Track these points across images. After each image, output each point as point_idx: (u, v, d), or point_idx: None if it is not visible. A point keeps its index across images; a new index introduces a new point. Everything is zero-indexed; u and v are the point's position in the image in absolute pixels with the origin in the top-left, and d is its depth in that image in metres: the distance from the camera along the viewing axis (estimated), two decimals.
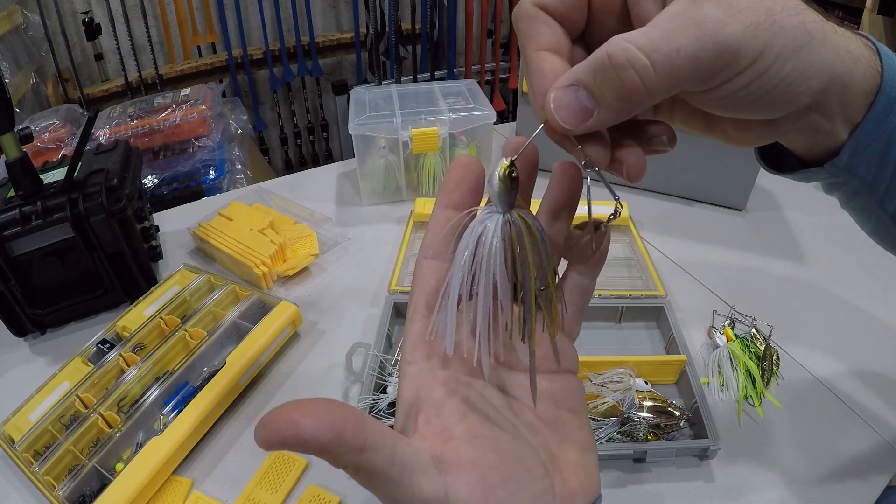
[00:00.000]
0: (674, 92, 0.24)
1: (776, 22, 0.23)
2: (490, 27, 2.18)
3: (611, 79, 0.23)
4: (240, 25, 1.96)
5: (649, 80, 0.22)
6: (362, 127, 0.82)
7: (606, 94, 0.23)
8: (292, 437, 0.22)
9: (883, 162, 0.30)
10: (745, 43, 0.23)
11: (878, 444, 0.54)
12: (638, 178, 0.27)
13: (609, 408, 0.53)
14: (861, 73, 0.27)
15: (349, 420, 0.23)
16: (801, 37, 0.24)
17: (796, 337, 0.65)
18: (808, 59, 0.24)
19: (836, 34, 0.26)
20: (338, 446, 0.23)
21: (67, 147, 1.25)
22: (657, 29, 0.23)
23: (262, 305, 0.66)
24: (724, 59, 0.23)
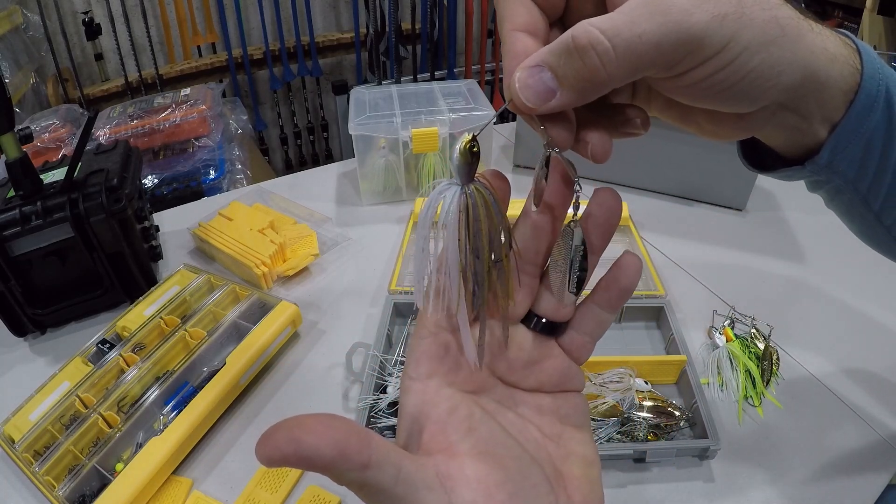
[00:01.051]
0: (635, 77, 0.24)
1: (745, 14, 0.23)
2: (490, 27, 2.18)
3: (573, 61, 0.23)
4: (240, 25, 1.96)
5: (610, 64, 0.22)
6: (362, 127, 0.82)
7: (569, 76, 0.23)
8: (294, 454, 0.21)
9: (865, 160, 0.29)
10: (709, 32, 0.23)
11: (878, 443, 0.54)
12: (602, 159, 0.27)
13: (609, 408, 0.53)
14: (838, 71, 0.27)
15: (352, 437, 0.22)
16: (772, 31, 0.24)
17: (796, 337, 0.65)
18: (778, 54, 0.24)
19: (812, 31, 0.25)
20: (341, 464, 0.22)
21: (67, 147, 1.25)
22: (623, 14, 0.23)
23: (262, 305, 0.66)
24: (687, 47, 0.23)
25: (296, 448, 0.21)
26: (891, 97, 0.28)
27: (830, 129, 0.29)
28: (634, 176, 0.91)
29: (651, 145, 0.87)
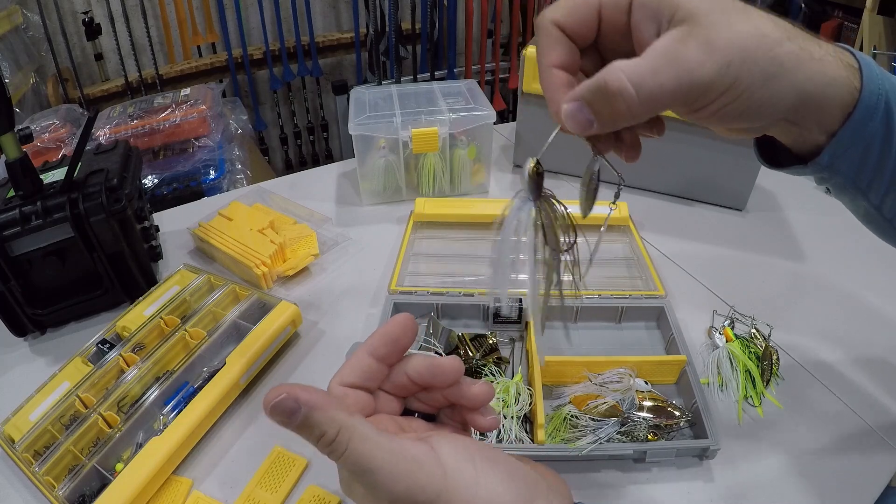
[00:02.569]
0: (656, 114, 0.31)
1: (748, 59, 0.28)
2: (490, 27, 2.18)
3: (605, 102, 0.28)
4: (240, 25, 1.96)
5: (634, 108, 0.28)
6: (362, 127, 0.82)
7: (602, 113, 0.29)
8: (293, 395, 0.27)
9: (863, 161, 0.33)
10: (716, 79, 0.28)
11: (878, 444, 0.54)
12: (635, 158, 0.34)
13: (609, 408, 0.53)
14: (836, 91, 0.31)
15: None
16: (771, 69, 0.29)
17: (796, 337, 0.65)
18: (776, 86, 0.29)
19: (812, 60, 0.30)
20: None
21: (67, 147, 1.25)
22: (647, 62, 0.28)
23: (262, 305, 0.66)
24: (698, 92, 0.28)
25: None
26: (890, 107, 0.32)
27: (830, 137, 0.32)
28: (634, 176, 0.91)
29: (651, 145, 0.86)
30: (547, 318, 0.36)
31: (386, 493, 0.28)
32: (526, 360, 0.61)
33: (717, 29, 0.28)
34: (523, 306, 0.64)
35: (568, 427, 0.53)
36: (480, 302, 0.65)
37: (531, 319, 0.42)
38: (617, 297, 0.66)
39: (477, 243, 0.79)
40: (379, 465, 0.28)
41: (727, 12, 0.28)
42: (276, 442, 0.54)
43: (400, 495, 0.28)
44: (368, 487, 0.28)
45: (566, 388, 0.57)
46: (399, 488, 0.28)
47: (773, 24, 0.29)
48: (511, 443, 0.51)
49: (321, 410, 0.28)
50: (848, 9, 1.90)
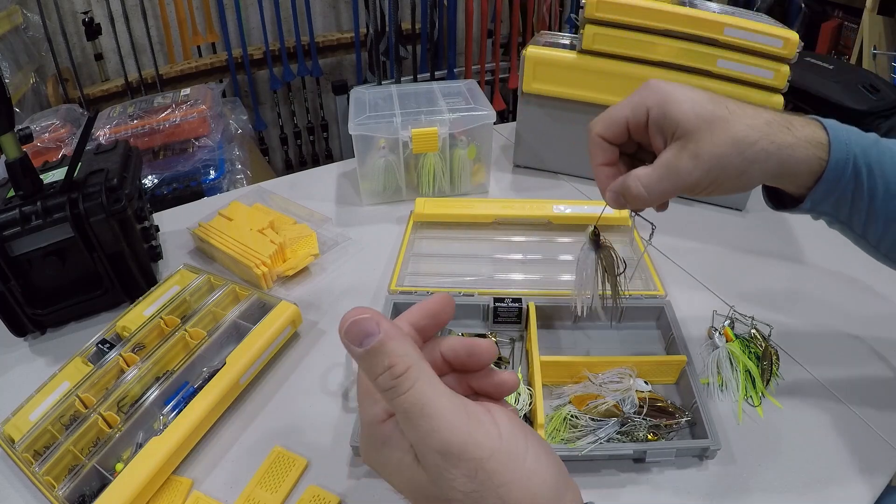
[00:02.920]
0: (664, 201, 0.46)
1: (723, 165, 0.41)
2: (490, 27, 2.18)
3: (629, 197, 0.44)
4: (240, 25, 1.96)
5: (647, 201, 0.44)
6: (362, 127, 0.82)
7: (630, 201, 0.44)
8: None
9: (839, 207, 0.44)
10: (701, 180, 0.42)
11: (878, 444, 0.54)
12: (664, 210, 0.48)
13: (609, 408, 0.53)
14: (805, 166, 0.42)
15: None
16: (743, 167, 0.41)
17: (796, 337, 0.65)
18: (749, 175, 0.42)
19: (782, 150, 0.41)
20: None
21: (67, 147, 1.25)
22: (655, 172, 0.42)
23: (262, 305, 0.66)
24: (689, 188, 0.43)
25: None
26: (858, 165, 0.42)
27: (808, 191, 0.44)
28: None
29: None
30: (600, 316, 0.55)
31: (440, 442, 0.27)
32: (526, 360, 0.61)
33: (702, 143, 0.41)
34: (522, 306, 0.64)
35: (568, 427, 0.53)
36: (480, 302, 0.65)
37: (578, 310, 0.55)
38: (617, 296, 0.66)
39: (477, 243, 0.79)
40: (440, 411, 0.27)
41: (712, 126, 0.40)
42: (276, 442, 0.54)
43: (453, 446, 0.28)
44: (421, 434, 0.28)
45: (566, 388, 0.57)
46: (456, 439, 0.27)
47: (748, 128, 0.41)
48: None
49: (398, 342, 0.28)
50: (848, 9, 1.90)
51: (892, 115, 0.90)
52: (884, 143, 0.44)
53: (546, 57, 0.85)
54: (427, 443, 0.28)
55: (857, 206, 0.44)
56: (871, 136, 0.44)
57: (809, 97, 0.94)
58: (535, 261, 0.76)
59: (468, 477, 0.28)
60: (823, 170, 0.42)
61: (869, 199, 0.43)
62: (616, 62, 0.82)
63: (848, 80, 0.94)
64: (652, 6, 0.77)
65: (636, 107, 0.43)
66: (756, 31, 0.74)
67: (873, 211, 0.44)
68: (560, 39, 0.91)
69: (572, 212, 0.80)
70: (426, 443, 0.28)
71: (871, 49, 1.73)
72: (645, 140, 0.45)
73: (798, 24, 1.99)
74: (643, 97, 0.43)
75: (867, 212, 0.44)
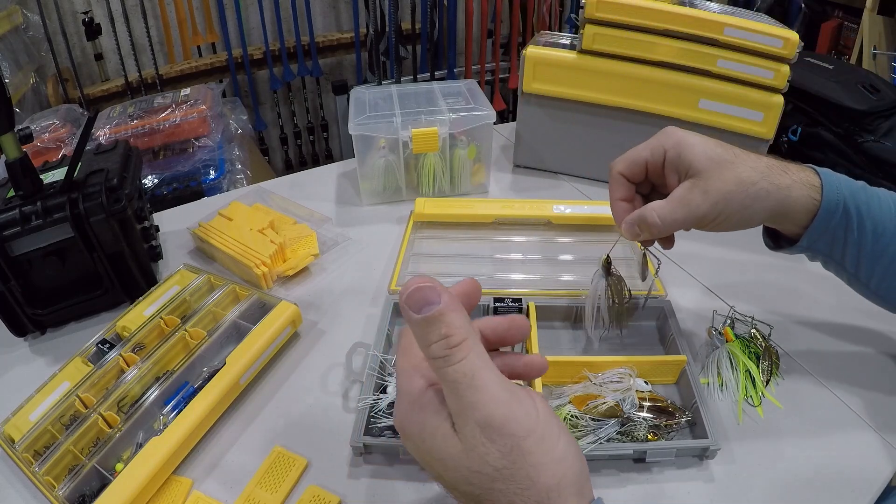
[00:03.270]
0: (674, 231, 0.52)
1: (729, 200, 0.47)
2: (490, 27, 2.18)
3: (645, 227, 0.50)
4: (240, 25, 1.96)
5: (661, 230, 0.49)
6: (362, 127, 0.82)
7: (645, 232, 0.50)
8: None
9: (832, 245, 0.50)
10: (709, 213, 0.48)
11: (878, 443, 0.54)
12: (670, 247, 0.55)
13: (609, 408, 0.53)
14: (801, 205, 0.47)
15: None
16: (746, 202, 0.47)
17: (796, 337, 0.65)
18: (750, 212, 0.48)
19: (779, 190, 0.47)
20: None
21: (67, 147, 1.25)
22: (670, 205, 0.48)
23: (262, 305, 0.66)
24: (698, 220, 0.49)
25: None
26: (847, 207, 0.47)
27: (804, 230, 0.49)
28: None
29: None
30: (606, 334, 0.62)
31: (483, 415, 0.29)
32: None
33: (711, 181, 0.47)
34: (522, 306, 0.64)
35: (568, 427, 0.53)
36: (480, 302, 0.65)
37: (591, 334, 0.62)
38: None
39: (477, 243, 0.79)
40: (487, 385, 0.29)
41: (720, 167, 0.47)
42: (277, 442, 0.54)
43: (495, 420, 0.29)
44: (465, 404, 0.29)
45: (566, 387, 0.57)
46: (499, 412, 0.29)
47: (751, 170, 0.47)
48: None
49: (457, 313, 0.30)
50: (848, 9, 1.90)
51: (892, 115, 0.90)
52: (871, 189, 0.50)
53: (546, 57, 0.85)
54: (470, 413, 0.29)
55: (849, 245, 0.49)
56: (859, 183, 0.50)
57: (809, 97, 0.94)
58: (535, 261, 0.76)
59: (503, 453, 0.29)
60: (817, 209, 0.47)
61: (858, 239, 0.48)
62: (616, 62, 0.82)
63: (848, 80, 0.94)
64: (652, 6, 0.77)
65: (655, 149, 0.49)
66: (756, 31, 0.74)
67: (863, 249, 0.49)
68: (560, 39, 0.91)
69: (572, 212, 0.80)
70: (469, 413, 0.29)
71: (871, 49, 1.73)
72: (660, 180, 0.51)
73: (798, 24, 1.99)
74: (661, 141, 0.49)
75: (857, 250, 0.49)
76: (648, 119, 0.84)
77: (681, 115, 0.82)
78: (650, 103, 0.83)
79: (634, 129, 0.86)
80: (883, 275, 0.50)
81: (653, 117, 0.84)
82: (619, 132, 0.87)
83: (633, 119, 0.85)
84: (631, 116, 0.85)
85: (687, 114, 0.82)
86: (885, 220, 0.48)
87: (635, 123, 0.85)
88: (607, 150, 0.94)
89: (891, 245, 0.48)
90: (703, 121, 0.82)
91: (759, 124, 0.79)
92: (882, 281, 0.51)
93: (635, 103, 0.84)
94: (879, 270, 0.50)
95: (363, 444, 0.51)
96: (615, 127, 0.87)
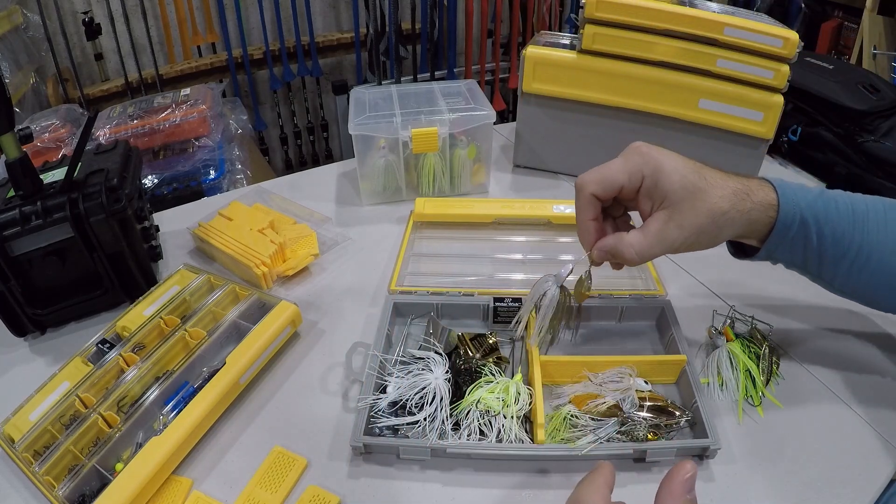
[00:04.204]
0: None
1: (701, 232, 0.49)
2: (490, 27, 2.18)
3: (620, 258, 0.52)
4: (240, 25, 1.96)
5: (636, 262, 0.51)
6: (362, 127, 0.82)
7: (617, 260, 0.53)
8: None
9: (792, 254, 0.53)
10: (684, 244, 0.50)
11: (878, 443, 0.54)
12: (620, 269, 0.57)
13: (609, 407, 0.53)
14: (761, 223, 0.51)
15: None
16: (715, 231, 0.50)
17: (796, 337, 0.65)
18: (718, 238, 0.51)
19: (742, 214, 0.49)
20: None
21: (67, 147, 1.25)
22: (646, 239, 0.50)
23: (262, 305, 0.66)
24: (673, 250, 0.50)
25: None
26: (805, 218, 0.50)
27: (762, 242, 0.52)
28: None
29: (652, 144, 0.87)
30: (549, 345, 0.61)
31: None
32: (526, 360, 0.61)
33: (685, 214, 0.49)
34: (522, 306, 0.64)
35: (568, 427, 0.53)
36: (480, 302, 0.65)
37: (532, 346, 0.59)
38: (617, 296, 0.66)
39: (477, 243, 0.79)
40: None
41: (693, 197, 0.48)
42: (276, 442, 0.54)
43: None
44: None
45: (566, 387, 0.57)
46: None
47: (720, 199, 0.49)
48: (511, 442, 0.51)
49: None
50: (848, 9, 1.90)
51: (892, 115, 0.90)
52: (828, 194, 0.52)
53: (546, 57, 0.85)
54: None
55: (809, 251, 0.52)
56: (815, 190, 0.52)
57: (809, 97, 0.94)
58: (535, 261, 0.76)
59: None
60: (773, 225, 0.51)
61: (818, 245, 0.51)
62: (616, 62, 0.82)
63: (848, 80, 0.94)
64: (652, 6, 0.77)
65: (633, 175, 0.50)
66: (756, 31, 0.74)
67: (824, 254, 0.51)
68: (560, 39, 0.91)
69: (572, 212, 0.79)
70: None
71: (871, 49, 1.73)
72: (631, 202, 0.53)
73: (798, 24, 1.99)
74: (637, 165, 0.50)
75: (818, 254, 0.52)
76: (648, 119, 0.84)
77: (681, 114, 0.82)
78: (650, 103, 0.83)
79: (634, 129, 0.86)
80: (846, 274, 0.52)
81: (653, 117, 0.84)
82: (619, 132, 0.87)
83: (633, 119, 0.85)
84: (631, 116, 0.85)
85: (687, 114, 0.82)
86: (844, 225, 0.51)
87: (635, 123, 0.85)
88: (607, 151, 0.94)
89: (850, 248, 0.51)
90: (702, 121, 0.82)
91: (759, 124, 0.79)
92: (846, 279, 0.53)
93: (635, 103, 0.84)
94: (842, 271, 0.52)
95: (363, 444, 0.51)
96: (615, 127, 0.87)
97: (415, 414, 0.53)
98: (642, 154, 0.50)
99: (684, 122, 0.83)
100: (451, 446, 0.51)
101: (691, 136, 0.84)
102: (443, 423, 0.52)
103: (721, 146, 0.83)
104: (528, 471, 0.52)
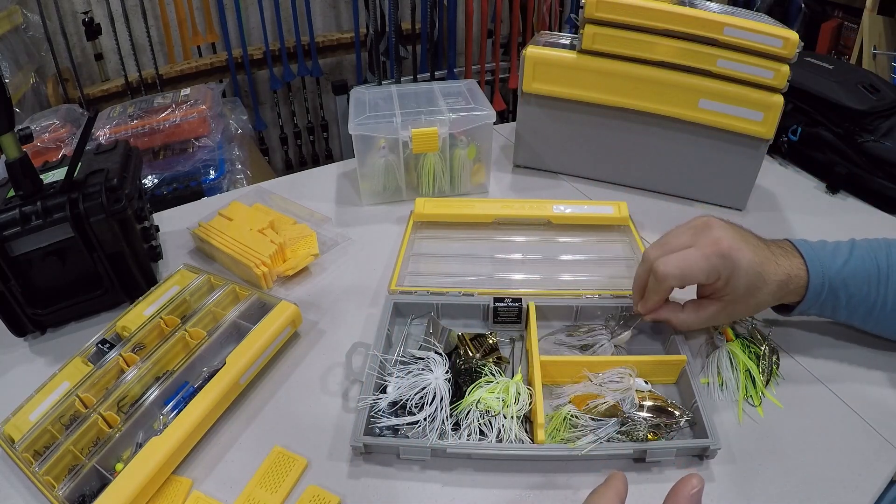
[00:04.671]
0: None
1: (737, 303, 0.56)
2: (490, 27, 2.18)
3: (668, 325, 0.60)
4: (240, 25, 1.96)
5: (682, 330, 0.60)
6: (362, 127, 0.82)
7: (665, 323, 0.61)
8: None
9: (823, 312, 0.59)
10: (722, 319, 0.58)
11: (879, 443, 0.54)
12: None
13: (609, 408, 0.53)
14: (794, 284, 0.56)
15: None
16: (751, 302, 0.56)
17: (796, 337, 0.65)
18: (754, 307, 0.57)
19: (779, 285, 0.55)
20: None
21: (67, 147, 1.25)
22: (698, 318, 0.58)
23: (262, 305, 0.66)
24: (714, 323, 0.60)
25: None
26: (833, 285, 0.55)
27: (797, 304, 0.58)
28: (634, 176, 0.91)
29: (651, 145, 0.87)
30: None
31: None
32: (526, 360, 0.61)
33: (738, 307, 0.56)
34: (522, 306, 0.64)
35: (568, 427, 0.53)
36: (480, 302, 0.65)
37: None
38: (617, 296, 0.66)
39: (477, 243, 0.79)
40: None
41: (749, 296, 0.55)
42: (276, 442, 0.54)
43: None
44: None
45: (566, 387, 0.57)
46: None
47: (769, 296, 0.55)
48: (511, 442, 0.51)
49: None
50: (848, 9, 1.90)
51: (892, 115, 0.90)
52: (852, 259, 0.56)
53: (546, 57, 0.85)
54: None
55: (838, 310, 0.58)
56: (840, 258, 0.56)
57: (809, 97, 0.94)
58: (535, 261, 0.76)
59: None
60: (805, 292, 0.56)
61: (847, 304, 0.57)
62: (616, 62, 0.82)
63: (848, 80, 0.94)
64: (652, 6, 0.77)
65: (711, 275, 0.54)
66: (756, 31, 0.74)
67: (852, 310, 0.57)
68: (560, 39, 0.91)
69: (572, 212, 0.80)
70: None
71: (871, 49, 1.73)
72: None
73: (798, 24, 1.99)
74: (717, 268, 0.53)
75: (847, 311, 0.58)
76: (648, 119, 0.84)
77: (681, 114, 0.82)
78: (650, 103, 0.83)
79: (634, 129, 0.86)
80: (876, 321, 0.58)
81: (653, 117, 0.84)
82: (619, 132, 0.87)
83: (633, 119, 0.85)
84: (631, 116, 0.85)
85: (687, 114, 0.82)
86: (872, 283, 0.56)
87: (635, 123, 0.85)
88: (607, 150, 0.95)
89: (877, 301, 0.56)
90: (702, 121, 0.82)
91: (759, 124, 0.79)
92: (875, 325, 0.59)
93: (635, 103, 0.84)
94: (873, 321, 0.58)
95: (363, 444, 0.51)
96: (615, 127, 0.87)
97: (415, 414, 0.53)
98: (723, 256, 0.53)
99: (684, 122, 0.83)
100: (451, 446, 0.51)
101: (691, 136, 0.84)
102: (443, 423, 0.52)
103: (721, 146, 0.83)
104: (528, 471, 0.52)
